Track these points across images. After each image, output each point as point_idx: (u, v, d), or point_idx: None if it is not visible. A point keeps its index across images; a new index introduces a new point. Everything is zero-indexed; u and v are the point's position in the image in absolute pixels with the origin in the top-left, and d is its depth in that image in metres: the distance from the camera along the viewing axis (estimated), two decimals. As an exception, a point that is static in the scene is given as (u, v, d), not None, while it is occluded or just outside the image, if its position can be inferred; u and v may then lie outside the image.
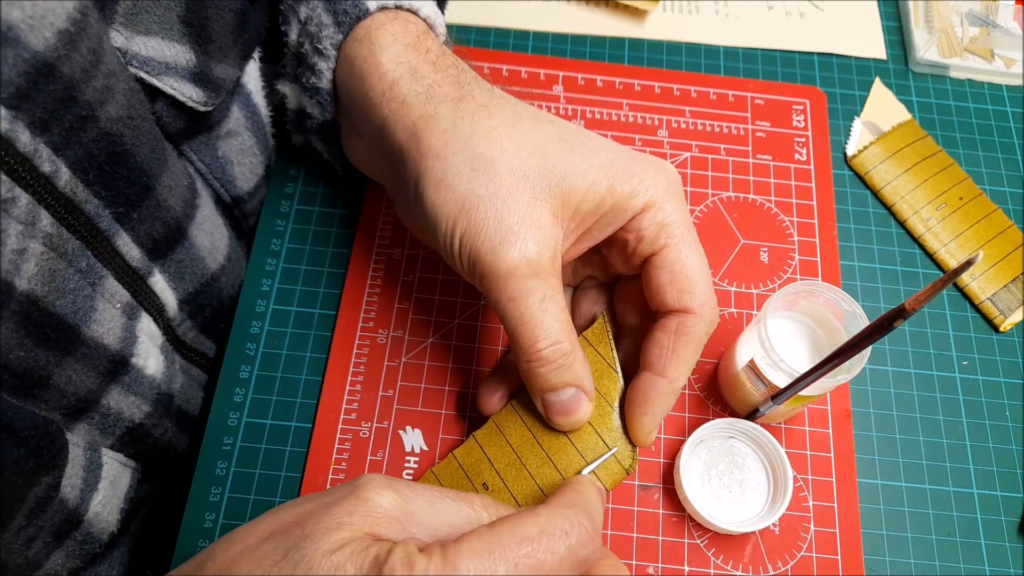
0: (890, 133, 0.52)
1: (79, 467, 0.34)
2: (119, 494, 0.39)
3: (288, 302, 0.46)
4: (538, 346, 0.34)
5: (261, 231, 0.48)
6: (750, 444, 0.41)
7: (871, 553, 0.41)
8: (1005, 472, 0.43)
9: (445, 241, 0.35)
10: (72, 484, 0.34)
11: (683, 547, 0.40)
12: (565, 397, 0.35)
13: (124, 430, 0.38)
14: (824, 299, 0.40)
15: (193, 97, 0.36)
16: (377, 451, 0.42)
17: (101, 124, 0.30)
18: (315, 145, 0.45)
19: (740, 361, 0.40)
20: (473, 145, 0.34)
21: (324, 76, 0.39)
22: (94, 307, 0.33)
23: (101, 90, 0.30)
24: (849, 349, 0.33)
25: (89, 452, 0.35)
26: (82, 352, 0.32)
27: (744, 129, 0.52)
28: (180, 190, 0.38)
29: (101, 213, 0.33)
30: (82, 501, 0.35)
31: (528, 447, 0.38)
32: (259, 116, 0.44)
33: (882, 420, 0.44)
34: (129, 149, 0.32)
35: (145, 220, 0.35)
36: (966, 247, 0.49)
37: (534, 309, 0.34)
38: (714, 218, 0.49)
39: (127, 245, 0.35)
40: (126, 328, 0.36)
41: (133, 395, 0.37)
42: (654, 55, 0.55)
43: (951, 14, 0.57)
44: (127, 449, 0.39)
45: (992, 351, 0.46)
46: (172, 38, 0.34)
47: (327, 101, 0.40)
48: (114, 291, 0.35)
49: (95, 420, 0.35)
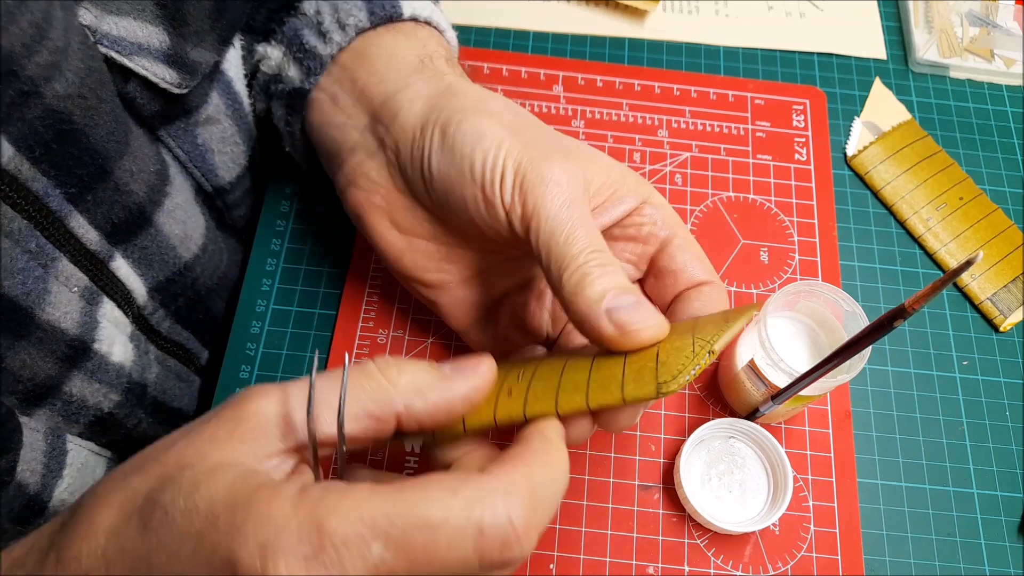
0: (890, 133, 0.52)
1: (39, 452, 0.33)
2: (91, 483, 0.37)
3: (288, 302, 0.46)
4: (596, 245, 0.32)
5: (261, 231, 0.48)
6: (750, 444, 0.41)
7: (871, 553, 0.41)
8: (1005, 472, 0.43)
9: (488, 154, 0.34)
10: (32, 469, 0.33)
11: (683, 547, 0.40)
12: (630, 302, 0.31)
13: (92, 418, 0.37)
14: (824, 299, 0.40)
15: (166, 78, 0.36)
16: (377, 451, 0.42)
17: (46, 100, 0.30)
18: (275, 113, 0.44)
19: (740, 361, 0.40)
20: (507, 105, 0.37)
21: (332, 45, 0.40)
22: (47, 289, 0.32)
23: (46, 66, 0.29)
24: (849, 349, 0.33)
25: (51, 438, 0.35)
26: (37, 336, 0.32)
27: (744, 129, 0.52)
28: (145, 175, 0.37)
29: (51, 192, 0.32)
30: (44, 487, 0.34)
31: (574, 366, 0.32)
32: (241, 105, 0.44)
33: (882, 420, 0.44)
34: (80, 128, 0.32)
35: (102, 203, 0.35)
36: (966, 247, 0.49)
37: (588, 218, 0.33)
38: (714, 218, 0.49)
39: (83, 227, 0.34)
40: (85, 313, 0.35)
41: (98, 382, 0.36)
42: (654, 55, 0.55)
43: (951, 14, 0.57)
44: (98, 438, 0.38)
45: (992, 351, 0.46)
46: (144, 19, 0.34)
47: (317, 70, 0.40)
48: (70, 274, 0.34)
49: (57, 407, 0.35)
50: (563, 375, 0.31)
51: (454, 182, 0.35)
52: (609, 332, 0.30)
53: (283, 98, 0.42)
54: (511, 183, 0.33)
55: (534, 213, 0.33)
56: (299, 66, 0.41)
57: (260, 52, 0.42)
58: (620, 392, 0.28)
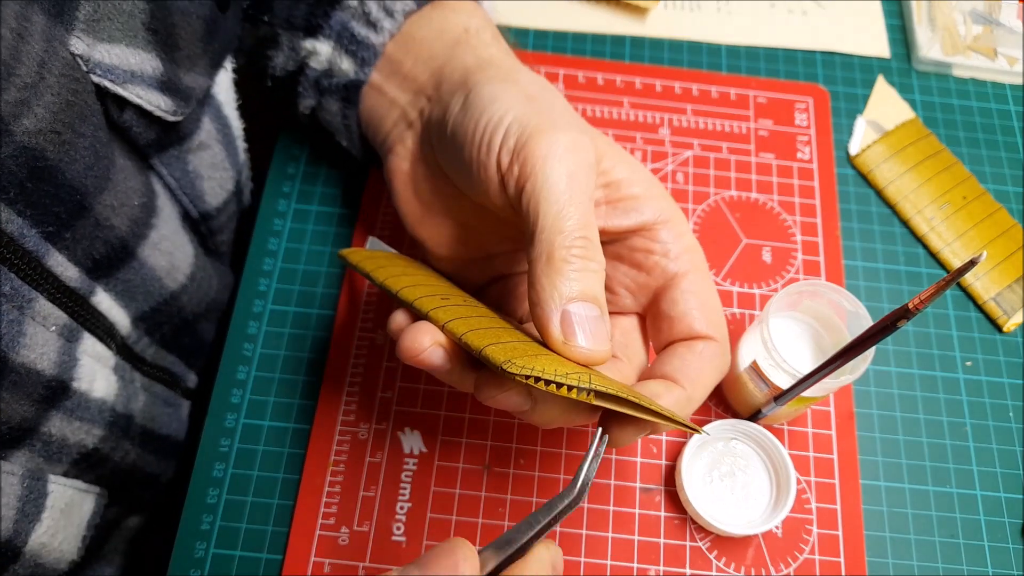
0: (893, 132, 0.52)
1: (12, 497, 0.32)
2: (77, 522, 0.37)
3: (286, 302, 0.46)
4: (585, 231, 0.29)
5: (253, 251, 0.47)
6: (752, 446, 0.41)
7: (874, 555, 0.40)
8: (1009, 474, 0.43)
9: (494, 118, 0.32)
10: (5, 516, 0.31)
11: (685, 549, 0.40)
12: (592, 314, 0.29)
13: (76, 456, 0.36)
14: (827, 299, 0.39)
15: (161, 106, 0.35)
16: (376, 453, 0.42)
17: (16, 138, 0.28)
18: (327, 108, 0.43)
19: (743, 362, 0.40)
20: (538, 80, 0.36)
21: (385, 33, 0.40)
22: (22, 331, 0.31)
23: (15, 103, 0.28)
24: (852, 350, 0.33)
25: (28, 481, 0.33)
26: (11, 380, 0.30)
27: (746, 127, 0.52)
28: (128, 209, 0.36)
29: (27, 233, 0.31)
30: (17, 533, 0.32)
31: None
32: (230, 129, 0.43)
33: (885, 421, 0.44)
34: (54, 165, 0.30)
35: (82, 240, 0.33)
36: (970, 247, 0.48)
37: (588, 194, 0.30)
38: (716, 217, 0.49)
39: (61, 265, 0.33)
40: (64, 351, 0.34)
41: (79, 420, 0.35)
42: (655, 53, 0.55)
43: (954, 12, 0.56)
44: (85, 475, 0.37)
45: (996, 351, 0.46)
46: (136, 45, 0.33)
47: (371, 59, 0.41)
48: (47, 313, 0.33)
49: (36, 448, 0.33)
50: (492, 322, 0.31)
51: (461, 143, 0.34)
52: (553, 333, 0.29)
53: (338, 92, 0.42)
54: (512, 145, 0.32)
55: (530, 176, 0.31)
56: (352, 58, 0.41)
57: (307, 48, 0.42)
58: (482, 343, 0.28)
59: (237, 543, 0.40)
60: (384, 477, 0.41)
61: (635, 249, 0.35)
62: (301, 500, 0.40)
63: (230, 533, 0.40)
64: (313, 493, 0.41)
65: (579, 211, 0.30)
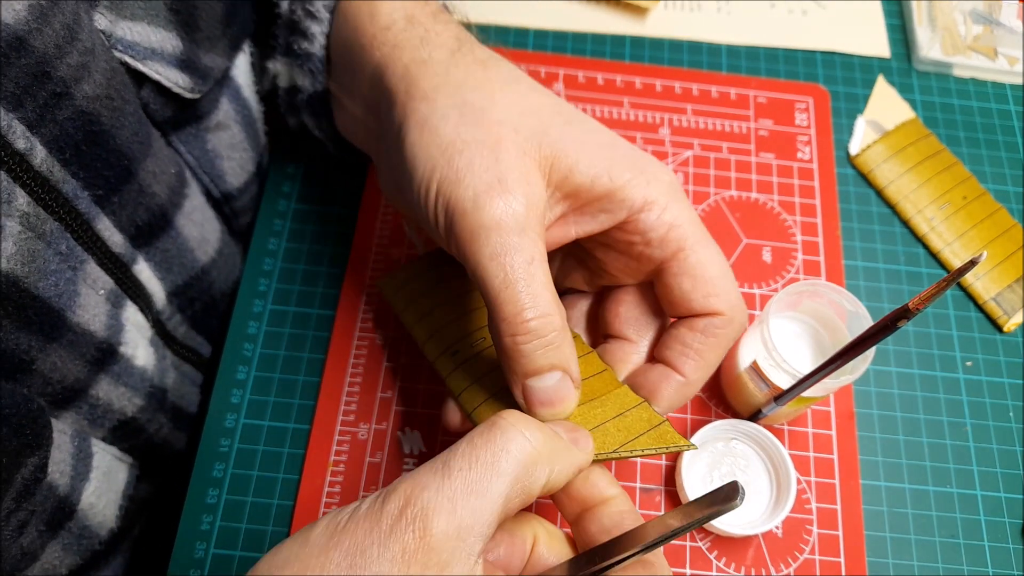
0: (893, 132, 0.52)
1: (67, 454, 0.34)
2: (115, 488, 0.38)
3: (286, 302, 0.46)
4: (526, 315, 0.29)
5: (258, 230, 0.47)
6: (753, 446, 0.41)
7: (874, 555, 0.40)
8: (1009, 474, 0.43)
9: (420, 190, 0.31)
10: (61, 471, 0.33)
11: (685, 550, 0.40)
12: (551, 383, 0.30)
13: (116, 423, 0.37)
14: (827, 299, 0.39)
15: (179, 83, 0.36)
16: (375, 453, 0.42)
17: (77, 102, 0.30)
18: (307, 123, 0.44)
19: (743, 362, 0.40)
20: (465, 92, 0.32)
21: (317, 40, 0.38)
22: (77, 291, 0.32)
23: (76, 67, 0.29)
24: (853, 350, 0.33)
25: (77, 440, 0.35)
26: (68, 339, 0.32)
27: (747, 127, 0.52)
28: (166, 177, 0.37)
29: (80, 195, 0.32)
30: (73, 489, 0.34)
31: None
32: (250, 111, 0.43)
33: (885, 421, 0.44)
34: (107, 130, 0.32)
35: (127, 205, 0.35)
36: (970, 247, 0.48)
37: (520, 271, 0.29)
38: (716, 217, 0.49)
39: (108, 230, 0.34)
40: (111, 315, 0.35)
41: (123, 386, 0.36)
42: (655, 53, 0.55)
43: (954, 12, 0.56)
44: (121, 443, 0.39)
45: (996, 352, 0.46)
46: (158, 24, 0.34)
47: (319, 69, 0.39)
48: (96, 277, 0.34)
49: (83, 410, 0.35)
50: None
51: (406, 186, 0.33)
52: (520, 403, 0.31)
53: (308, 107, 0.42)
54: (443, 221, 0.31)
55: (465, 260, 0.30)
56: (302, 71, 0.40)
57: (271, 70, 0.42)
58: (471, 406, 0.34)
59: (237, 543, 0.40)
60: (384, 477, 0.41)
61: (618, 240, 0.34)
62: (301, 500, 0.40)
63: (230, 533, 0.40)
64: (313, 493, 0.40)
65: (515, 294, 0.29)
